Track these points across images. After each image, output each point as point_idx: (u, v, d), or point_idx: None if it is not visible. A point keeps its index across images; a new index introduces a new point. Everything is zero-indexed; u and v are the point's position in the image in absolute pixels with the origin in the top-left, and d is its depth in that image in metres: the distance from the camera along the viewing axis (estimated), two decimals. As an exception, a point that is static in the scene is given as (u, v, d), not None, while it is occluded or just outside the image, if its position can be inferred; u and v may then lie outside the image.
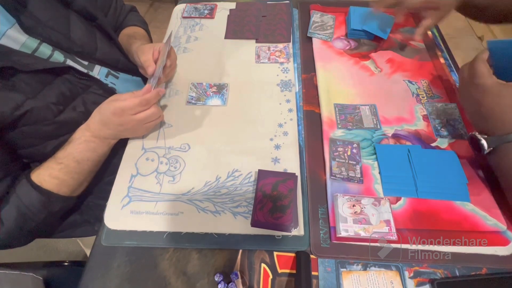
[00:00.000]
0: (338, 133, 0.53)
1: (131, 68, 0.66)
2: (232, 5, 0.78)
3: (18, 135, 0.48)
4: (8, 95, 0.45)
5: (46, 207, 0.47)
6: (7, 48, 0.47)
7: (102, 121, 0.49)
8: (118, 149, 0.54)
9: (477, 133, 0.44)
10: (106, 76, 0.62)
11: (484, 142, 0.43)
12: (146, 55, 0.57)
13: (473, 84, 0.44)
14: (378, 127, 0.53)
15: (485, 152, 0.43)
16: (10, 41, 0.47)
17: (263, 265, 0.42)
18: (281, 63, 0.65)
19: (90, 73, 0.58)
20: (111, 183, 0.49)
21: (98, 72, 0.60)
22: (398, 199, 0.46)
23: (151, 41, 0.77)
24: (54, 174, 0.47)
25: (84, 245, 0.74)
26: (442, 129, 0.53)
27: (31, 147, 0.51)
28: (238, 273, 0.41)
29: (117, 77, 0.65)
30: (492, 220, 0.43)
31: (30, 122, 0.47)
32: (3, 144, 0.48)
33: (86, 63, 0.58)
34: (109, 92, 0.59)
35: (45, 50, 0.52)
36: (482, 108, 0.43)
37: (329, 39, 0.69)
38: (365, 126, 0.53)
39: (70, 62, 0.55)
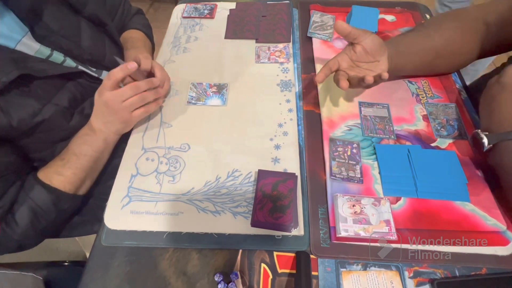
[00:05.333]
0: (338, 133, 0.53)
1: None
2: (232, 5, 0.78)
3: (33, 141, 0.49)
4: (26, 102, 0.45)
5: (55, 205, 0.47)
6: (23, 53, 0.47)
7: (94, 111, 0.50)
8: (119, 150, 0.54)
9: (479, 130, 0.45)
10: None
11: (485, 139, 0.44)
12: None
13: (498, 81, 0.45)
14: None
15: (485, 149, 0.44)
16: (25, 48, 0.48)
17: (263, 265, 0.42)
18: (281, 63, 0.65)
19: (100, 77, 0.58)
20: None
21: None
22: (398, 199, 0.46)
23: (152, 45, 0.77)
24: (58, 170, 0.48)
25: (84, 246, 0.74)
26: (442, 129, 0.53)
27: (42, 151, 0.51)
28: (238, 273, 0.41)
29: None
30: (492, 220, 0.43)
31: (47, 129, 0.48)
32: (18, 148, 0.48)
33: (94, 69, 0.58)
34: None
35: (58, 56, 0.52)
36: (494, 102, 0.44)
37: (329, 39, 0.69)
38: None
39: (80, 67, 0.55)
